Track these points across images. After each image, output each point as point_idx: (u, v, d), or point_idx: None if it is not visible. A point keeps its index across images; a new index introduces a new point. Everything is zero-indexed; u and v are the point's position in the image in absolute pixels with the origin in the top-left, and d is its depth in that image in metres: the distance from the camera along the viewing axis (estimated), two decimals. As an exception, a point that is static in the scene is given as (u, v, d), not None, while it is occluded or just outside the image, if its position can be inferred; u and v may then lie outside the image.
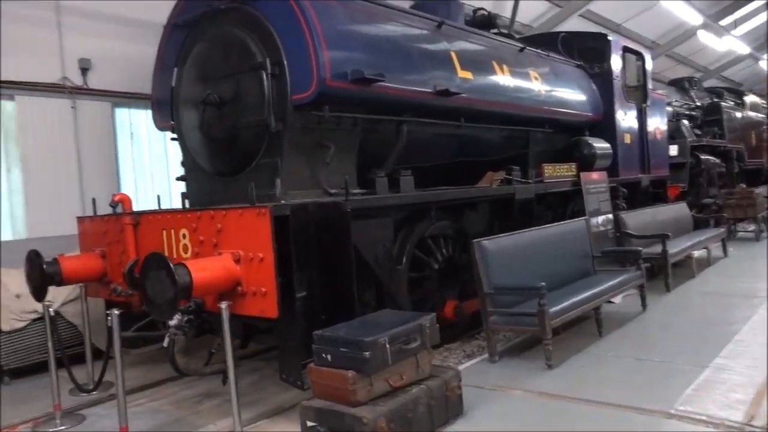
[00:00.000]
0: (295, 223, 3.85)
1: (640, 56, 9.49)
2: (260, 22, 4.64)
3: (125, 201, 4.70)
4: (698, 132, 12.96)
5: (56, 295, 5.37)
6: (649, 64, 9.52)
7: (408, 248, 5.34)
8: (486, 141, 6.69)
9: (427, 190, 5.63)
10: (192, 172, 5.34)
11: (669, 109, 11.77)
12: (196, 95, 4.94)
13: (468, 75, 5.77)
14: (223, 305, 3.58)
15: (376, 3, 5.23)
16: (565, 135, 7.86)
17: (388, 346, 3.37)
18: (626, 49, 8.92)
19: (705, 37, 18.07)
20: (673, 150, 11.48)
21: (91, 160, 6.78)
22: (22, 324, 5.27)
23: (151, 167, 7.38)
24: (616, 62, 8.44)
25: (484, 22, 7.60)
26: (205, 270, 3.62)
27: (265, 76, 4.52)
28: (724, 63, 22.21)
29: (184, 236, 4.17)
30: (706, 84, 20.51)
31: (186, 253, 4.18)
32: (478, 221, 6.37)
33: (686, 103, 12.85)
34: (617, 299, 6.78)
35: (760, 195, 11.93)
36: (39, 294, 4.58)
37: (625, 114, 8.60)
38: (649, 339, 5.41)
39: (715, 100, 13.81)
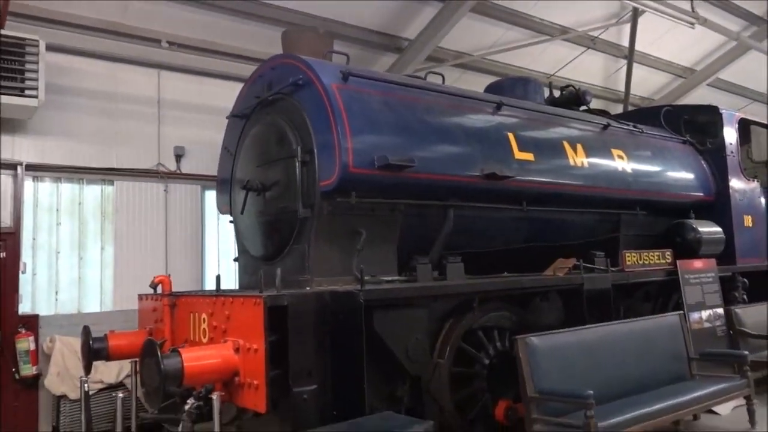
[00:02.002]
0: (296, 313, 3.75)
1: (766, 129, 8.44)
2: (298, 111, 4.76)
3: (165, 282, 4.90)
4: None
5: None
6: (776, 138, 8.41)
7: (452, 341, 4.99)
8: (563, 225, 6.20)
9: (477, 277, 5.27)
10: (242, 255, 5.49)
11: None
12: (245, 181, 5.13)
13: (528, 156, 5.44)
14: (214, 396, 3.52)
15: (421, 87, 5.17)
16: (666, 218, 7.08)
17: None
18: (745, 122, 7.97)
19: None
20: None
21: (180, 240, 7.25)
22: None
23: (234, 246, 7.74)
24: (729, 136, 7.57)
25: (572, 100, 7.23)
26: (201, 359, 3.60)
27: (297, 164, 4.58)
28: None
29: (204, 320, 4.23)
30: None
31: (204, 337, 4.22)
32: (548, 313, 5.82)
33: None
34: (724, 410, 5.78)
35: None
36: (88, 368, 4.85)
37: (745, 193, 7.58)
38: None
39: None
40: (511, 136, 5.40)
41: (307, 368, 3.96)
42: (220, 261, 7.57)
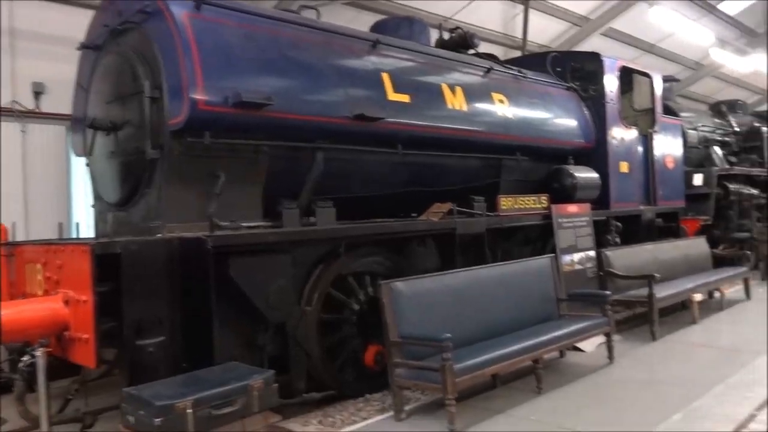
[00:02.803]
0: (132, 262, 3.48)
1: (648, 78, 8.69)
2: (148, 42, 4.36)
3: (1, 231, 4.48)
4: (733, 159, 11.84)
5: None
6: (657, 87, 8.69)
7: (321, 287, 4.89)
8: (444, 169, 6.15)
9: (350, 223, 5.15)
10: (96, 201, 5.10)
11: (694, 132, 10.82)
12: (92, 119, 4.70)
13: (403, 98, 5.29)
14: (39, 352, 3.24)
15: (287, 21, 4.86)
16: (548, 164, 7.20)
17: (190, 411, 2.92)
18: (626, 70, 8.15)
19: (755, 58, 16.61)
20: (698, 179, 10.48)
21: (42, 185, 6.68)
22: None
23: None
24: (610, 83, 7.71)
25: (460, 43, 7.10)
26: (22, 313, 3.29)
27: (145, 101, 4.22)
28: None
29: (39, 271, 3.88)
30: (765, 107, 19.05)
31: (40, 289, 3.88)
32: (426, 258, 5.82)
33: (719, 128, 11.76)
34: (589, 347, 6.05)
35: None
36: None
37: (623, 140, 7.82)
38: (592, 400, 4.69)
39: (756, 124, 12.60)
40: (386, 76, 5.21)
41: (153, 319, 3.74)
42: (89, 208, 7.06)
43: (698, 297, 7.32)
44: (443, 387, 4.09)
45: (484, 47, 9.82)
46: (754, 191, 11.52)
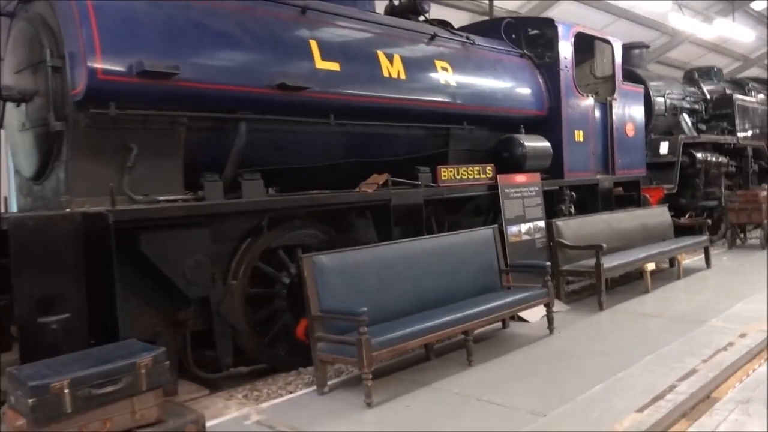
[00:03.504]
0: (21, 238, 3.37)
1: (608, 44, 8.51)
2: (51, 9, 4.17)
3: None
4: (703, 127, 11.72)
5: None
6: (618, 54, 8.51)
7: (247, 261, 4.80)
8: (386, 139, 6.02)
9: (278, 195, 5.05)
10: (16, 175, 4.96)
11: (661, 100, 10.68)
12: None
13: (333, 66, 5.13)
14: None
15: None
16: (499, 133, 7.06)
17: (67, 391, 2.83)
18: (583, 36, 7.97)
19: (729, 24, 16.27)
20: (664, 148, 10.39)
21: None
22: None
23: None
24: (565, 50, 7.54)
25: (410, 8, 6.90)
26: None
27: (48, 70, 4.05)
28: (763, 52, 20.23)
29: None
30: (747, 74, 18.85)
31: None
32: (365, 230, 5.73)
33: (689, 96, 11.60)
34: (533, 318, 6.02)
35: (770, 198, 10.66)
36: None
37: (578, 108, 7.68)
38: (520, 372, 4.65)
39: (729, 92, 12.44)
40: (313, 44, 5.04)
41: (56, 296, 3.65)
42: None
43: (651, 266, 7.28)
44: (359, 361, 4.03)
45: (449, 14, 9.67)
46: (723, 159, 11.43)
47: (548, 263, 5.63)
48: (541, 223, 6.79)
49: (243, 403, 4.39)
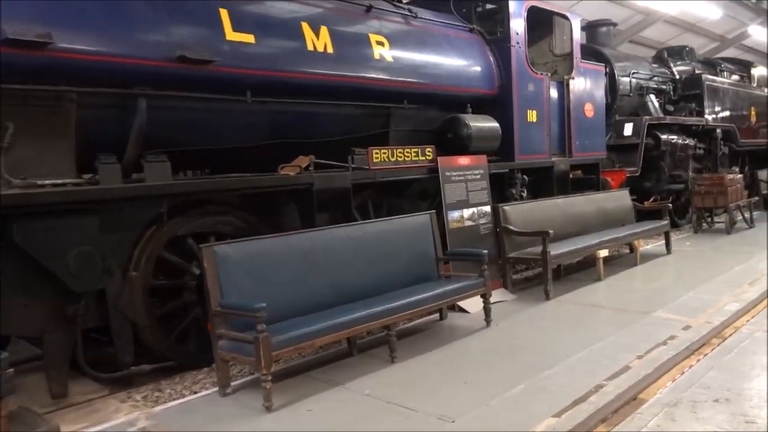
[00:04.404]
0: None
1: (566, 20, 8.13)
2: None
3: None
4: (671, 108, 11.41)
5: None
6: (576, 30, 8.14)
7: (149, 251, 4.41)
8: (316, 119, 5.61)
9: (185, 179, 4.65)
10: None
11: (626, 80, 10.34)
12: None
13: (246, 38, 4.70)
14: None
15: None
16: (445, 112, 6.68)
17: None
18: (537, 10, 7.57)
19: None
20: (628, 129, 10.07)
21: None
22: None
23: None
24: (517, 25, 7.14)
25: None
26: None
27: None
28: (741, 32, 19.88)
29: None
30: (724, 54, 18.53)
31: None
32: (289, 217, 5.35)
33: (657, 76, 11.26)
34: (474, 308, 5.70)
35: (735, 181, 10.41)
36: None
37: (531, 87, 7.31)
38: (441, 370, 4.32)
39: (699, 72, 12.12)
40: (223, 12, 4.61)
41: None
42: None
43: (604, 253, 6.97)
44: (257, 361, 3.67)
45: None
46: (690, 141, 11.15)
47: (484, 251, 5.28)
48: (487, 208, 6.45)
49: (136, 405, 4.05)
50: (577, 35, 8.12)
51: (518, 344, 4.84)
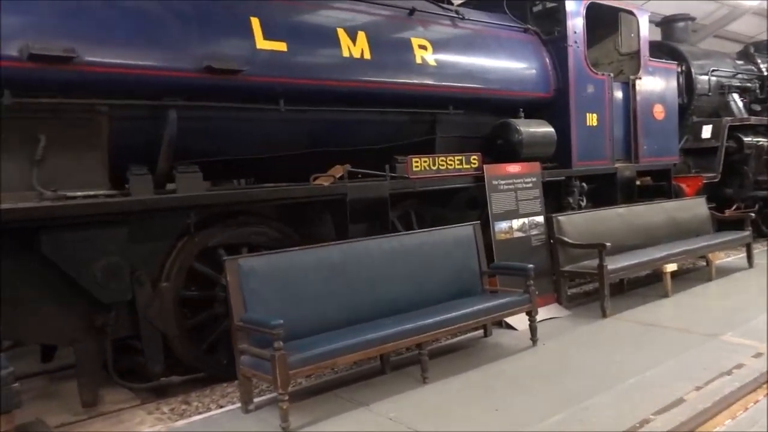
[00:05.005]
0: None
1: (633, 17, 7.60)
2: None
3: None
4: (758, 108, 10.49)
5: None
6: (644, 27, 7.58)
7: (180, 261, 4.40)
8: (356, 126, 5.46)
9: (218, 189, 4.62)
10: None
11: (704, 78, 9.56)
12: None
13: (278, 46, 4.62)
14: None
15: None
16: (495, 118, 6.37)
17: None
18: (599, 7, 7.10)
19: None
20: (707, 131, 9.32)
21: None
22: None
23: None
24: (575, 23, 6.72)
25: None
26: None
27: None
28: None
29: None
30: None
31: None
32: (324, 227, 5.23)
33: (741, 73, 10.38)
34: (521, 326, 5.36)
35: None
36: None
37: (590, 89, 6.85)
38: (474, 394, 4.04)
39: (791, 67, 11.08)
40: (254, 21, 4.54)
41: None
42: None
43: (671, 267, 6.41)
44: (274, 380, 3.55)
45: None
46: (779, 144, 10.19)
47: (530, 266, 4.94)
48: (540, 219, 6.07)
49: (161, 418, 4.02)
50: (645, 32, 7.57)
51: (564, 367, 4.48)
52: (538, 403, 3.82)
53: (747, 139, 9.39)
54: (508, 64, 6.33)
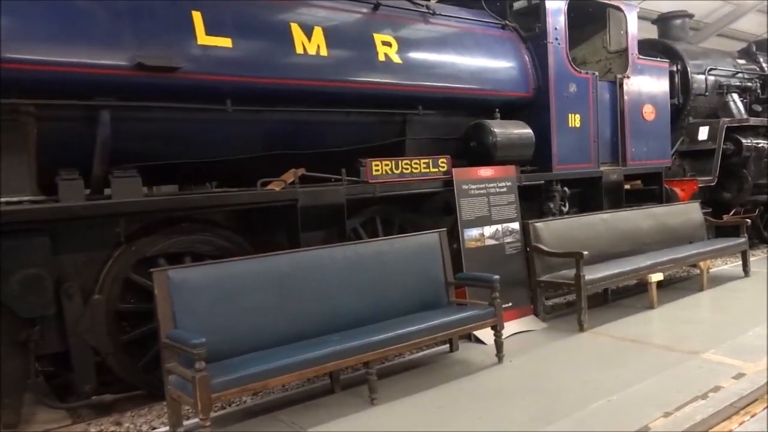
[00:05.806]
0: None
1: (621, 13, 7.24)
2: None
3: None
4: (758, 108, 10.07)
5: None
6: (632, 24, 7.23)
7: (114, 272, 4.11)
8: (320, 128, 5.16)
9: (150, 197, 4.33)
10: None
11: (701, 77, 9.17)
12: None
13: (222, 42, 4.32)
14: None
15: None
16: (470, 118, 6.04)
17: None
18: (588, 3, 6.75)
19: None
20: (703, 133, 8.92)
21: None
22: None
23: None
24: (555, 20, 6.37)
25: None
26: None
27: None
28: None
29: None
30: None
31: None
32: (279, 235, 4.92)
33: (741, 72, 9.96)
34: (489, 339, 5.02)
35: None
36: None
37: (572, 88, 6.50)
38: (422, 418, 3.71)
39: (793, 66, 10.64)
40: (196, 15, 4.24)
41: None
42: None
43: (657, 277, 6.04)
44: (194, 403, 3.25)
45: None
46: (778, 146, 9.76)
47: (495, 277, 4.61)
48: (515, 225, 5.73)
49: (83, 442, 3.74)
50: (634, 29, 7.21)
51: (528, 387, 4.14)
52: (491, 428, 3.49)
53: (746, 141, 8.98)
54: (483, 62, 6.00)
